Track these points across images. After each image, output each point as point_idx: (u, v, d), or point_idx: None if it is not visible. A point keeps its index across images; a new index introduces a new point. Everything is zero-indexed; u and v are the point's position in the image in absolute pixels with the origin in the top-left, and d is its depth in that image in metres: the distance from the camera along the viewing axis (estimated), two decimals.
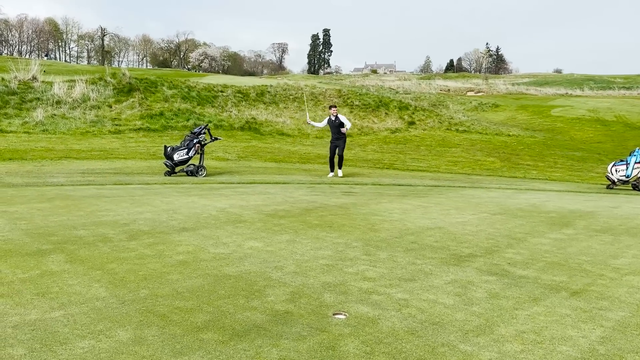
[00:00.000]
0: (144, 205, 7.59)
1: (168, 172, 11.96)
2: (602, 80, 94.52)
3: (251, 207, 7.77)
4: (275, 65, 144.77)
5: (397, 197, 9.37)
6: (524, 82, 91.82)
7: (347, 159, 17.97)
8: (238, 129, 22.67)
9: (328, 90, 32.46)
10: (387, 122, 25.76)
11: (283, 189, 10.09)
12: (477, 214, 7.79)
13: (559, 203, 9.06)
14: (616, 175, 11.29)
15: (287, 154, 18.07)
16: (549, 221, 7.28)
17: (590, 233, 6.56)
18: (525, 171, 16.91)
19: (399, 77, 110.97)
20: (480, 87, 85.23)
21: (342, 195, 9.53)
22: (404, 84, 75.97)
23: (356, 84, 65.24)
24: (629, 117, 34.29)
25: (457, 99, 58.78)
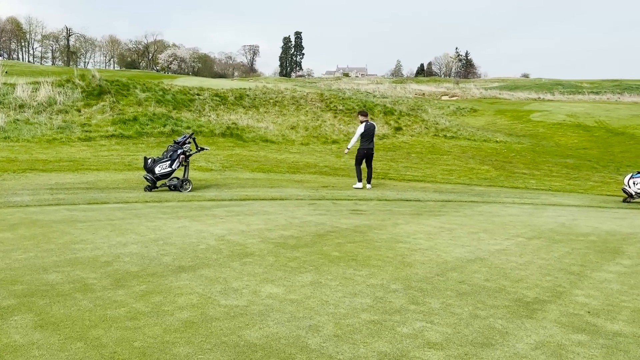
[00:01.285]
0: (127, 234, 6.42)
1: (148, 187, 10.73)
2: (570, 84, 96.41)
3: (254, 233, 6.69)
4: (247, 68, 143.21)
5: (412, 217, 8.42)
6: (494, 87, 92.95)
7: (339, 167, 16.99)
8: (219, 135, 21.43)
9: (310, 94, 31.45)
10: None
11: (282, 207, 9.02)
12: (510, 238, 6.88)
13: (588, 222, 8.26)
14: (634, 188, 10.65)
15: (274, 162, 16.96)
16: (594, 247, 6.43)
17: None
18: (524, 180, 16.24)
19: (371, 81, 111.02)
20: (454, 91, 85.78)
21: (350, 214, 8.52)
22: (379, 87, 75.56)
23: (332, 87, 64.52)
24: (610, 122, 34.40)
25: (434, 103, 58.65)
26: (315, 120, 26.25)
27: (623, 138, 28.58)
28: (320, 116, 26.74)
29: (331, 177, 14.92)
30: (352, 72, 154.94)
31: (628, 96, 78.52)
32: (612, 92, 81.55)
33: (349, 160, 18.86)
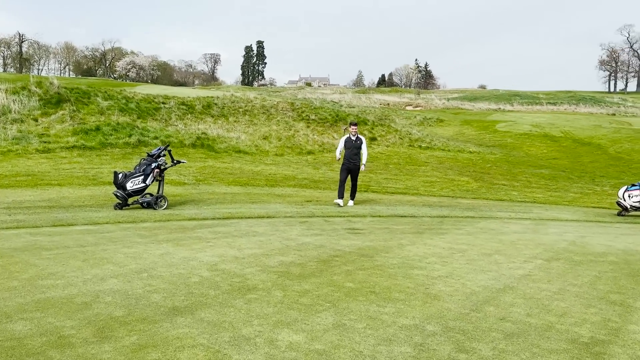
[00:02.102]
0: (103, 264, 5.54)
1: (119, 204, 9.75)
2: (527, 95, 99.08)
3: (250, 260, 5.92)
4: (208, 76, 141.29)
5: (414, 235, 7.82)
6: (454, 97, 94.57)
7: (318, 180, 16.31)
8: (189, 145, 20.40)
9: (280, 103, 30.72)
10: None
11: (272, 227, 8.26)
12: (528, 260, 6.36)
13: (598, 239, 7.88)
14: (629, 201, 10.42)
15: (250, 175, 16.13)
16: (620, 270, 5.97)
17: None
18: (506, 192, 16.00)
19: (334, 91, 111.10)
20: (418, 101, 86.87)
21: (347, 234, 7.84)
22: (344, 97, 75.61)
23: (298, 96, 64.02)
24: (575, 132, 35.10)
25: (400, 113, 58.98)
26: (287, 130, 25.53)
27: (590, 148, 29.09)
28: (293, 126, 26.04)
29: (312, 190, 14.23)
30: (314, 81, 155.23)
31: (583, 107, 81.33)
32: (568, 103, 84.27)
33: (327, 172, 18.24)
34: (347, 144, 11.18)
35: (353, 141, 11.18)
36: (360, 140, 11.26)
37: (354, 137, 11.22)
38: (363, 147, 11.19)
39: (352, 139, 11.18)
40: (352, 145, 11.15)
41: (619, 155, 26.75)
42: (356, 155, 11.14)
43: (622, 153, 27.18)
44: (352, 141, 11.18)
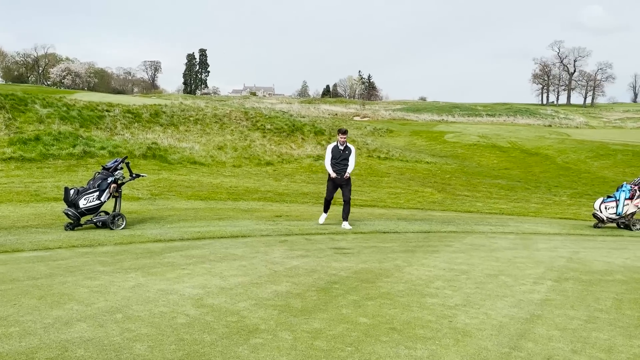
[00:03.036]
0: (64, 302, 4.61)
1: (70, 224, 8.64)
2: (466, 107, 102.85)
3: (239, 291, 5.15)
4: (148, 84, 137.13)
5: (406, 254, 7.28)
6: (398, 108, 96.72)
7: (281, 192, 15.57)
8: (140, 156, 19.09)
9: (233, 112, 29.72)
10: (306, 148, 23.79)
11: (250, 248, 7.48)
12: (537, 281, 5.95)
13: (593, 255, 7.65)
14: (605, 213, 10.41)
15: (210, 188, 15.16)
16: (637, 292, 5.66)
17: None
18: (471, 204, 15.90)
19: (280, 100, 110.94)
20: (365, 112, 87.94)
21: (335, 254, 7.19)
22: (292, 107, 75.45)
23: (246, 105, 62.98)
24: (521, 143, 36.22)
25: (351, 123, 59.21)
26: (243, 140, 24.63)
27: (539, 159, 30.01)
28: (248, 136, 25.17)
29: (279, 204, 13.49)
30: (259, 91, 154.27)
31: (521, 118, 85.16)
32: (506, 115, 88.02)
33: (290, 184, 17.53)
34: (335, 154, 9.91)
35: (341, 151, 9.86)
36: (349, 149, 9.94)
37: (342, 146, 9.88)
38: (352, 156, 9.95)
39: (340, 149, 9.87)
40: (341, 156, 9.86)
41: (567, 165, 27.71)
42: (345, 167, 9.93)
43: (569, 163, 28.19)
44: (340, 151, 9.87)
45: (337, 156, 9.88)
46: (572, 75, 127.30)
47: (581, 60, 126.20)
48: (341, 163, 9.86)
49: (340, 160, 9.85)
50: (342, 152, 9.85)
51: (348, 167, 9.92)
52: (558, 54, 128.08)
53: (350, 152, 9.91)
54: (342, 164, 9.86)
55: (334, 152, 9.91)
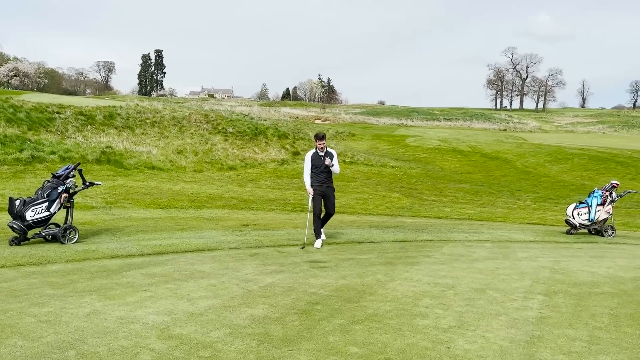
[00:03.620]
0: (6, 335, 3.96)
1: (15, 239, 7.80)
2: (423, 111, 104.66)
3: (210, 317, 4.60)
4: (101, 85, 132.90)
5: (386, 267, 6.88)
6: (358, 112, 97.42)
7: (246, 199, 14.95)
8: (93, 161, 18.01)
9: (193, 115, 28.76)
10: (271, 153, 23.18)
11: (219, 263, 6.89)
12: (527, 296, 5.66)
13: (574, 264, 7.47)
14: (578, 219, 10.37)
15: (170, 195, 14.37)
16: (630, 305, 5.44)
17: None
18: (439, 209, 15.75)
19: (239, 103, 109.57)
20: (326, 115, 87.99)
21: (312, 268, 6.70)
22: (252, 109, 74.56)
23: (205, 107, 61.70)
24: (481, 147, 36.77)
25: (312, 127, 58.88)
26: (204, 144, 23.78)
27: (499, 163, 30.46)
28: (209, 139, 24.34)
29: (244, 211, 12.88)
30: (217, 93, 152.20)
31: (477, 122, 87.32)
32: (463, 119, 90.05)
33: (254, 190, 16.89)
34: (316, 162, 8.62)
35: (322, 157, 8.64)
36: (331, 154, 8.75)
37: (322, 152, 8.67)
38: (335, 160, 8.75)
39: (320, 156, 8.64)
40: (322, 164, 8.58)
41: (526, 169, 28.23)
42: (328, 176, 8.69)
43: (529, 167, 28.73)
44: (321, 157, 8.63)
45: (318, 164, 8.60)
46: (525, 81, 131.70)
47: (533, 66, 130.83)
48: (324, 172, 8.60)
49: (323, 168, 8.59)
50: (321, 157, 8.62)
51: (333, 171, 8.76)
52: (511, 60, 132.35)
53: (333, 157, 8.76)
54: (325, 172, 8.61)
55: (314, 160, 8.64)
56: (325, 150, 8.72)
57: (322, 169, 8.58)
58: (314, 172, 8.61)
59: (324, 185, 8.63)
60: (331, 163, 8.59)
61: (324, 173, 8.63)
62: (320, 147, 8.67)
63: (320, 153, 8.64)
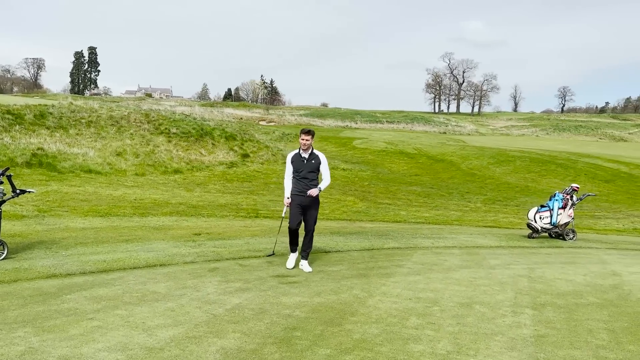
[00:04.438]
0: None
1: None
2: (366, 114, 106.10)
3: (173, 352, 3.92)
4: (29, 83, 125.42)
5: (360, 280, 6.37)
6: (302, 114, 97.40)
7: (195, 205, 14.03)
8: (23, 164, 16.40)
9: (132, 114, 27.16)
10: (218, 155, 22.19)
11: (174, 281, 6.12)
12: (516, 310, 5.32)
13: (549, 271, 7.28)
14: (540, 223, 10.32)
15: (110, 201, 13.21)
16: (622, 317, 5.21)
17: None
18: (394, 213, 15.51)
19: (179, 103, 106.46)
20: (271, 117, 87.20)
21: (281, 285, 6.07)
22: (194, 110, 72.59)
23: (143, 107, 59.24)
24: (426, 149, 37.29)
25: (258, 128, 57.99)
26: (145, 145, 22.43)
27: (445, 165, 30.92)
28: (151, 140, 23.00)
29: (195, 218, 12.02)
30: (155, 92, 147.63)
31: (418, 125, 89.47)
32: (404, 122, 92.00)
33: (203, 194, 15.93)
34: (298, 165, 6.95)
35: (305, 160, 6.91)
36: (318, 158, 6.99)
37: (306, 153, 6.93)
38: (323, 167, 7.03)
39: (302, 157, 6.93)
40: (305, 167, 6.91)
41: (471, 171, 28.78)
42: (312, 183, 6.92)
43: (474, 169, 29.32)
44: (304, 160, 6.91)
45: (299, 168, 6.91)
46: (462, 86, 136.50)
47: (469, 71, 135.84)
48: (307, 178, 6.91)
49: (306, 174, 6.91)
50: (306, 161, 6.90)
51: (323, 180, 7.05)
52: (449, 65, 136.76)
53: (320, 162, 6.99)
54: (308, 178, 6.91)
55: (295, 162, 6.95)
56: (311, 152, 6.94)
57: (304, 173, 6.90)
58: (295, 176, 6.97)
59: (305, 193, 6.85)
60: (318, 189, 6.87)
61: (307, 179, 6.91)
62: (305, 144, 6.85)
63: (304, 154, 6.92)
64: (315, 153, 7.00)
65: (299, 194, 6.90)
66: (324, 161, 7.04)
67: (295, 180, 6.98)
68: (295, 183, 6.97)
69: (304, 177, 6.91)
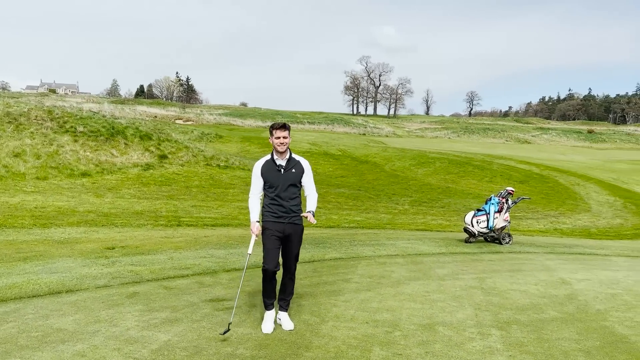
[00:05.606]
0: None
1: None
2: (287, 114, 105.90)
3: None
4: None
5: (306, 300, 5.65)
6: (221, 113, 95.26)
7: (107, 213, 12.57)
8: None
9: (33, 111, 24.45)
10: (132, 156, 20.43)
11: (84, 313, 5.04)
12: (483, 332, 4.86)
13: (499, 281, 6.97)
14: (477, 227, 10.17)
15: (6, 210, 11.42)
16: (590, 334, 4.91)
17: None
18: (327, 217, 14.96)
19: (86, 99, 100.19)
20: (189, 115, 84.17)
21: (218, 312, 5.19)
22: (102, 107, 68.31)
23: (47, 103, 54.54)
24: (350, 151, 37.34)
25: (175, 127, 55.47)
26: (48, 145, 20.17)
27: (369, 166, 30.99)
28: (55, 140, 20.74)
29: (107, 229, 10.67)
30: (60, 88, 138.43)
31: (338, 127, 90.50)
32: (325, 123, 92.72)
33: (116, 200, 14.34)
34: (271, 177, 4.81)
35: (282, 169, 4.81)
36: (300, 166, 4.89)
37: (282, 159, 4.82)
38: (306, 179, 4.91)
39: (277, 166, 4.82)
40: (282, 180, 4.80)
41: (395, 172, 29.05)
42: (294, 202, 4.85)
43: (397, 171, 29.62)
44: (280, 169, 4.81)
45: (275, 183, 4.77)
46: (378, 89, 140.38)
47: (385, 75, 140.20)
48: (285, 195, 4.77)
49: (285, 190, 4.77)
50: (284, 171, 4.79)
51: (309, 199, 4.91)
52: (366, 69, 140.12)
53: (303, 172, 4.87)
54: (286, 196, 4.78)
55: (268, 175, 4.80)
56: (289, 157, 4.81)
57: (281, 190, 4.75)
58: (269, 194, 4.83)
59: (286, 219, 4.78)
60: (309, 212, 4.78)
61: (285, 199, 4.77)
62: (281, 146, 4.71)
63: (280, 161, 4.78)
64: (295, 158, 4.86)
65: (276, 220, 4.75)
66: (308, 169, 4.92)
67: (269, 199, 4.82)
68: (270, 204, 4.81)
69: (280, 195, 4.75)
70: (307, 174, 4.90)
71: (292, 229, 4.85)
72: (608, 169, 34.09)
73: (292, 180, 4.81)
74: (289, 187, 4.79)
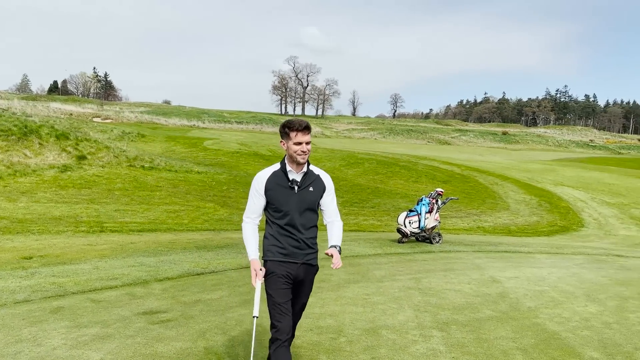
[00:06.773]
0: None
1: None
2: (214, 113, 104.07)
3: None
4: None
5: (246, 308, 5.48)
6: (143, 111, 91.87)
7: (22, 219, 11.60)
8: None
9: None
10: (48, 157, 19.01)
11: (5, 332, 4.56)
12: (424, 333, 4.94)
13: (436, 281, 7.14)
14: (410, 228, 10.38)
15: None
16: (551, 343, 5.14)
17: None
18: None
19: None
20: (108, 113, 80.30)
21: (152, 325, 4.88)
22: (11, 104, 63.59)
23: None
24: (280, 151, 37.12)
25: (93, 125, 52.61)
26: None
27: None
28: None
29: (22, 236, 9.82)
30: None
31: (267, 127, 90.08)
32: (254, 123, 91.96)
33: (31, 205, 13.19)
34: (278, 193, 3.40)
35: (297, 186, 3.41)
36: (321, 183, 3.52)
37: (298, 172, 3.43)
38: (328, 201, 3.55)
39: (290, 182, 3.41)
40: (296, 201, 3.38)
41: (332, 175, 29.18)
42: (311, 230, 3.46)
43: (327, 171, 29.59)
44: (293, 187, 3.40)
45: (285, 204, 3.39)
46: (306, 89, 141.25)
47: (313, 75, 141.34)
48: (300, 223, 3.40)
49: (299, 215, 3.39)
50: (299, 189, 3.41)
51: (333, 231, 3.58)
52: (293, 69, 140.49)
53: (324, 190, 3.53)
54: (301, 224, 3.40)
55: (273, 190, 3.43)
56: (307, 170, 3.48)
57: (293, 216, 3.39)
58: (275, 220, 3.44)
59: (301, 258, 3.43)
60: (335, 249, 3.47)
61: (303, 228, 3.42)
62: (302, 156, 3.39)
63: (294, 174, 3.45)
64: (314, 172, 3.55)
65: (285, 260, 3.40)
66: (331, 187, 3.60)
67: (274, 228, 3.44)
68: (277, 233, 3.43)
69: (291, 223, 3.39)
70: (328, 192, 3.55)
71: (306, 271, 3.48)
72: (523, 169, 36.41)
73: (310, 203, 3.42)
74: (306, 211, 3.40)
